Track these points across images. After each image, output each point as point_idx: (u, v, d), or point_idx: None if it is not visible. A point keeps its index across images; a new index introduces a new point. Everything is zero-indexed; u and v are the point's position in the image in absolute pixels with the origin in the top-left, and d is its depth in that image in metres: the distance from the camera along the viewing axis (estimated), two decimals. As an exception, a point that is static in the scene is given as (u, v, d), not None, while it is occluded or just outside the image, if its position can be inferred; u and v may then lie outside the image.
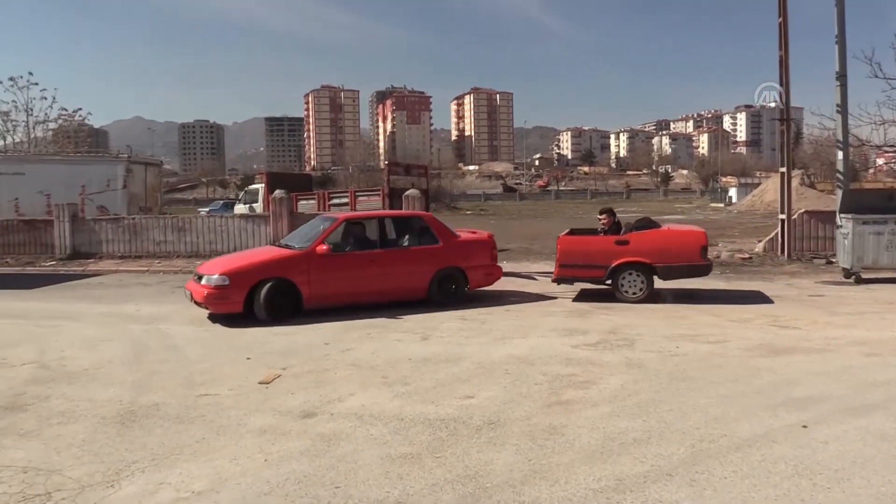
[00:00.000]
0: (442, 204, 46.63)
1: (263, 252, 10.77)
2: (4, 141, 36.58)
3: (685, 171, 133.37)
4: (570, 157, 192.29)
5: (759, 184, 58.15)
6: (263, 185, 28.92)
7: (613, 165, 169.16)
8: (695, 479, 4.11)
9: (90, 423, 5.40)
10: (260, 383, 6.42)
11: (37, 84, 36.50)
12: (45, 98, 37.14)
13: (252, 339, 8.34)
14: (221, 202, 47.14)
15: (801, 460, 4.36)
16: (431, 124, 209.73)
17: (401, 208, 16.65)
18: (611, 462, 4.41)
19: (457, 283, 10.52)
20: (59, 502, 4.02)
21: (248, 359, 7.38)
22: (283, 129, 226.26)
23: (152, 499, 4.06)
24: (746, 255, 16.32)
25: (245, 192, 33.86)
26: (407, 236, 10.70)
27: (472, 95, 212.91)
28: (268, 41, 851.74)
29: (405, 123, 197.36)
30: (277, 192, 17.72)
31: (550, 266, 14.96)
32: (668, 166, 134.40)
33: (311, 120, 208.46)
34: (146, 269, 16.72)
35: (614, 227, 11.14)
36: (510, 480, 4.14)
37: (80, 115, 41.18)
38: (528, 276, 13.48)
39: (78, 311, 10.82)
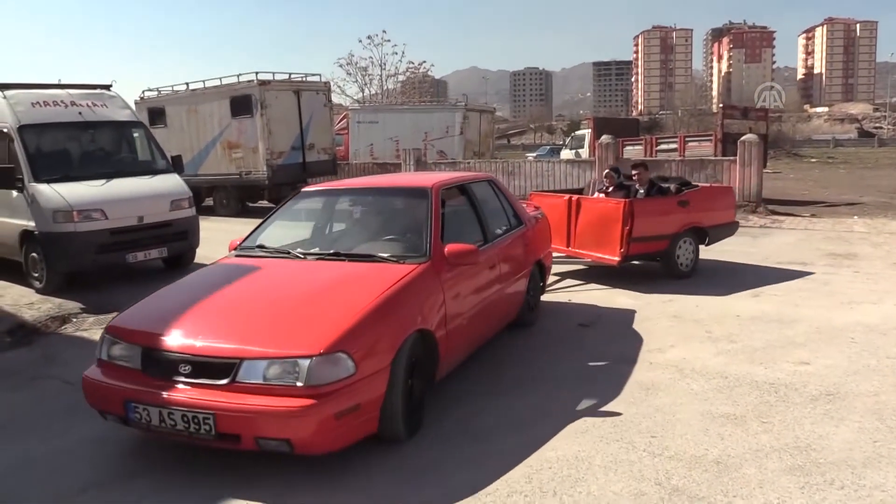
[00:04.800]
0: (782, 150, 42.43)
1: (301, 279, 4.70)
2: (363, 93, 41.60)
3: None
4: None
5: None
6: (590, 130, 29.06)
7: None
8: None
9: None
10: (580, 325, 6.59)
11: (389, 41, 40.87)
12: (396, 53, 41.46)
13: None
14: (548, 147, 48.38)
15: None
16: (774, 62, 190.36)
17: (734, 155, 15.52)
18: (984, 458, 3.73)
19: (536, 286, 6.77)
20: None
21: (568, 301, 7.62)
22: (611, 74, 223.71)
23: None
24: None
25: (572, 137, 34.40)
26: (493, 216, 6.07)
27: (824, 27, 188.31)
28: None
29: (743, 62, 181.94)
30: (604, 138, 17.62)
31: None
32: None
33: (639, 63, 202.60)
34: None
35: (652, 188, 8.76)
36: (848, 460, 3.73)
37: (424, 68, 45.21)
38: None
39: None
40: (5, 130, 8.89)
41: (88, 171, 9.14)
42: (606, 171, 9.49)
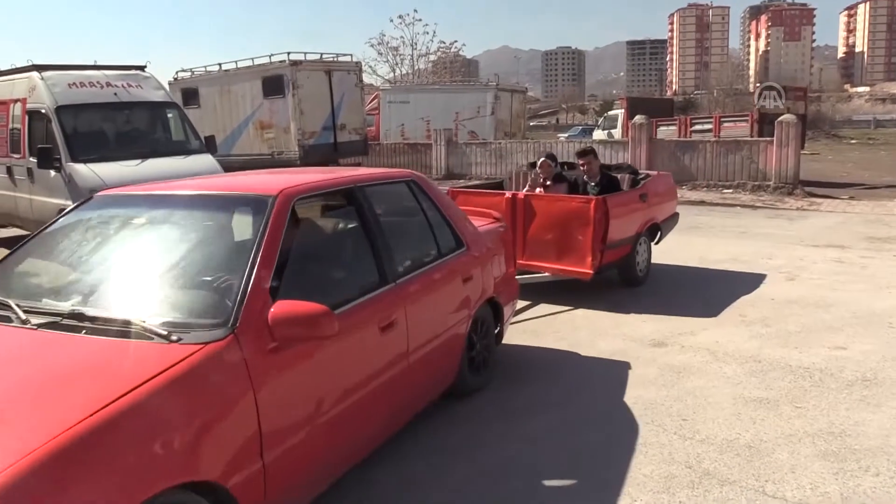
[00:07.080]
0: (821, 131, 41.51)
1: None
2: (394, 73, 41.60)
3: None
4: None
5: None
6: (623, 110, 28.75)
7: None
8: None
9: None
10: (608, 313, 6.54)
11: (420, 20, 40.83)
12: (427, 33, 41.45)
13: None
14: (580, 128, 47.98)
15: None
16: (813, 41, 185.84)
17: (771, 135, 15.21)
18: None
19: (488, 335, 4.71)
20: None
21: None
22: (645, 53, 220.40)
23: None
24: None
25: (604, 117, 34.08)
26: (404, 240, 4.06)
27: (867, 4, 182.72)
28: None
29: (781, 41, 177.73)
30: (637, 118, 17.42)
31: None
32: None
33: (674, 42, 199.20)
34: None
35: (606, 180, 7.24)
36: (885, 447, 3.66)
37: (455, 47, 45.06)
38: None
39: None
40: (43, 111, 9.04)
41: (124, 151, 9.26)
42: (541, 159, 7.59)
